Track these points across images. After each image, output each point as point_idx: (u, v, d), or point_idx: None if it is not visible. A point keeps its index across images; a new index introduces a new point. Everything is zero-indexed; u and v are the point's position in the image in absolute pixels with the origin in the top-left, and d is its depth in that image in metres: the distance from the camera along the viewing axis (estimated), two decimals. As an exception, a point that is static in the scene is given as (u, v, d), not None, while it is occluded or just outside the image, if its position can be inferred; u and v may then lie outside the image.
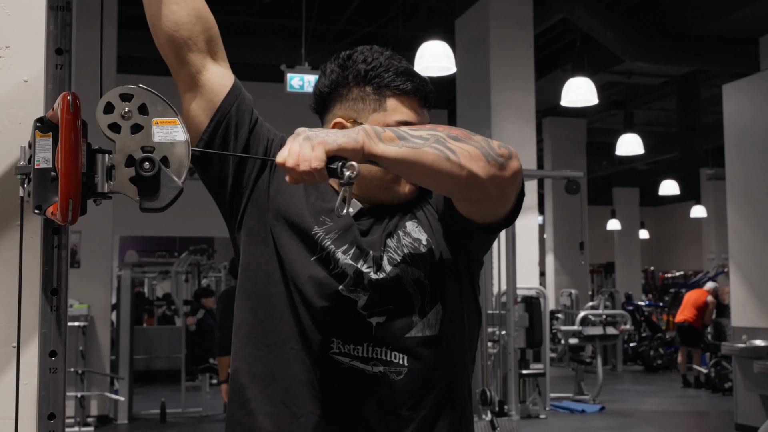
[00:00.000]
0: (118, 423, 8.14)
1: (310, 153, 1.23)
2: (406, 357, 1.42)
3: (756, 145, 8.12)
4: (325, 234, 1.46)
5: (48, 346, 1.28)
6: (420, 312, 1.44)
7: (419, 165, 1.30)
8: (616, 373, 12.78)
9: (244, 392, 1.47)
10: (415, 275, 1.44)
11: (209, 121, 1.47)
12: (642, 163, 15.97)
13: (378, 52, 1.53)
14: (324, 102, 1.55)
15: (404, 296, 1.44)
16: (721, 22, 8.76)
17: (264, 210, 1.49)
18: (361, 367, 1.40)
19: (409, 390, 1.41)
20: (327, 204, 1.50)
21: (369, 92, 1.49)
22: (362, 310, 1.42)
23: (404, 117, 1.48)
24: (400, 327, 1.42)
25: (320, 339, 1.42)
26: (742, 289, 8.22)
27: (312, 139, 1.24)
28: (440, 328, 1.45)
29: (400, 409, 1.41)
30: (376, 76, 1.49)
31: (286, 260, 1.45)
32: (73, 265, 8.06)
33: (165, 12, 1.43)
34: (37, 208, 1.18)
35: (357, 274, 1.43)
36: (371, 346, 1.41)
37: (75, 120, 1.12)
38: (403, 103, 1.49)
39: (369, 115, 1.49)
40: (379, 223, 1.50)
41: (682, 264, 21.05)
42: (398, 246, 1.46)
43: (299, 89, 8.18)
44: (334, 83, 1.52)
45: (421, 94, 1.51)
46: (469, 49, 8.67)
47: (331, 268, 1.44)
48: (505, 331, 8.05)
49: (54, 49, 1.30)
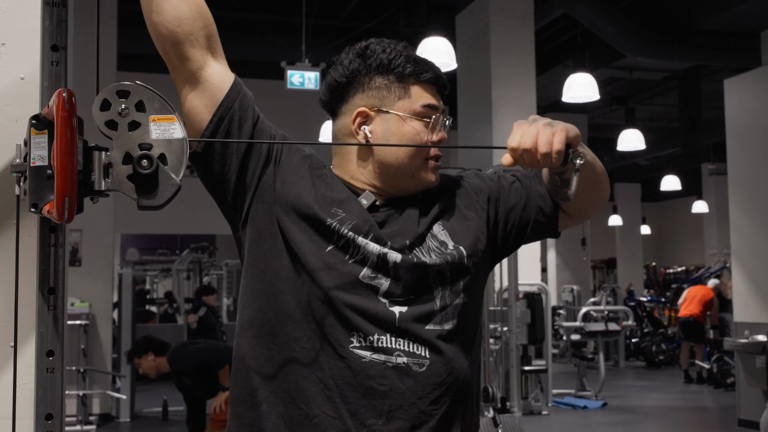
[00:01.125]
0: (120, 421, 8.15)
1: (552, 137, 1.36)
2: (427, 349, 1.41)
3: (758, 140, 8.10)
4: (341, 224, 1.44)
5: (45, 346, 1.26)
6: (440, 304, 1.45)
7: (595, 173, 1.53)
8: (618, 368, 12.77)
9: (255, 394, 1.44)
10: (440, 267, 1.46)
11: (211, 116, 1.45)
12: (643, 159, 15.95)
13: (393, 43, 1.57)
14: (341, 92, 1.55)
15: (426, 286, 1.44)
16: (722, 16, 8.73)
17: (270, 206, 1.47)
18: (384, 359, 1.39)
19: (431, 383, 1.41)
20: (337, 195, 1.49)
21: (393, 80, 1.53)
22: (383, 297, 1.41)
23: (429, 101, 1.53)
24: (421, 318, 1.42)
25: (340, 333, 1.40)
26: (744, 285, 8.21)
27: (553, 126, 1.38)
28: (458, 323, 1.46)
29: (423, 402, 1.40)
30: (398, 65, 1.53)
31: (300, 254, 1.43)
32: (74, 263, 8.06)
33: (166, 7, 1.42)
34: (33, 206, 1.17)
35: (380, 256, 1.43)
36: (394, 336, 1.40)
37: (71, 117, 1.10)
38: (426, 90, 1.54)
39: (395, 102, 1.51)
40: (395, 217, 1.50)
41: (684, 259, 21.03)
42: (423, 245, 1.48)
43: (299, 86, 8.17)
44: (355, 72, 1.53)
45: (439, 82, 1.56)
46: (469, 45, 8.65)
47: (351, 253, 1.43)
48: (507, 328, 8.04)
49: (50, 46, 1.28)
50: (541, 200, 1.58)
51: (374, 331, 1.40)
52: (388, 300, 1.42)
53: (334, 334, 1.40)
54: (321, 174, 1.52)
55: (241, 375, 1.48)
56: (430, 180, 1.53)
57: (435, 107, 1.53)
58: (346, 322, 1.40)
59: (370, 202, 1.50)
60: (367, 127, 1.52)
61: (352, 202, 1.49)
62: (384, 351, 1.39)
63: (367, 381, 1.38)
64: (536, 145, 1.36)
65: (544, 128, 1.37)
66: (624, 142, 10.73)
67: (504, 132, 8.18)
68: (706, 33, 9.33)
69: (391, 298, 1.42)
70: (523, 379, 8.29)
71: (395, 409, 1.38)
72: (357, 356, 1.39)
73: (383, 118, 1.51)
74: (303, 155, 1.53)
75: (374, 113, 1.51)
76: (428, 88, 1.54)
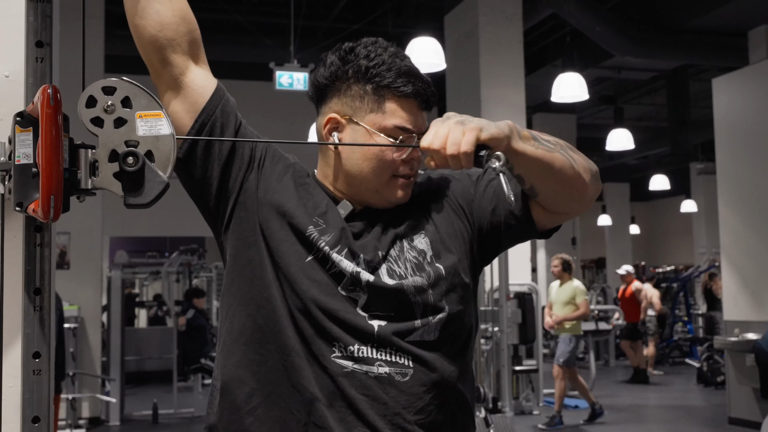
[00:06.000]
0: (110, 425, 8.10)
1: (461, 138, 1.26)
2: (410, 358, 1.38)
3: (746, 139, 8.13)
4: (320, 235, 1.42)
5: (31, 348, 1.24)
6: (422, 318, 1.41)
7: (549, 167, 1.37)
8: (608, 368, 12.80)
9: (249, 400, 1.41)
10: (418, 284, 1.41)
11: (193, 122, 1.43)
12: (632, 158, 16.00)
13: (382, 47, 1.48)
14: (321, 93, 1.52)
15: (405, 304, 1.41)
16: (710, 16, 8.75)
17: (253, 212, 1.45)
18: (365, 369, 1.36)
19: (414, 392, 1.38)
20: (318, 205, 1.47)
21: (368, 91, 1.45)
22: (362, 310, 1.39)
23: (401, 122, 1.44)
24: (402, 331, 1.39)
25: (321, 343, 1.38)
26: (734, 283, 8.23)
27: (464, 125, 1.28)
28: (440, 334, 1.42)
29: (407, 412, 1.37)
30: (377, 74, 1.45)
31: (281, 263, 1.41)
32: (62, 266, 8.01)
33: (149, 11, 1.40)
34: (18, 205, 1.15)
35: (354, 275, 1.40)
36: (374, 347, 1.37)
37: (56, 114, 1.08)
38: (402, 107, 1.45)
39: (365, 114, 1.45)
40: (370, 227, 1.46)
41: (674, 259, 21.10)
42: (400, 257, 1.43)
43: (288, 87, 8.14)
44: (333, 76, 1.49)
45: (422, 98, 1.47)
46: (458, 45, 8.65)
47: (328, 268, 1.41)
48: (497, 328, 8.03)
49: (34, 42, 1.26)
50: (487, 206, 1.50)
51: (353, 342, 1.37)
52: (368, 313, 1.39)
53: (316, 344, 1.38)
54: (304, 183, 1.50)
55: (234, 383, 1.44)
56: (397, 198, 1.47)
57: (407, 129, 1.44)
58: (326, 332, 1.38)
59: (347, 211, 1.47)
60: (338, 134, 1.48)
61: (331, 211, 1.46)
62: (365, 361, 1.37)
63: (349, 391, 1.36)
64: (444, 146, 1.27)
65: (455, 127, 1.28)
66: (613, 141, 10.75)
67: (493, 132, 8.19)
68: (694, 32, 9.36)
69: (369, 312, 1.39)
70: (514, 379, 8.29)
71: (379, 420, 1.36)
72: (339, 366, 1.37)
73: (353, 129, 1.46)
74: (287, 164, 1.51)
75: (345, 121, 1.47)
76: (406, 104, 1.45)
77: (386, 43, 1.50)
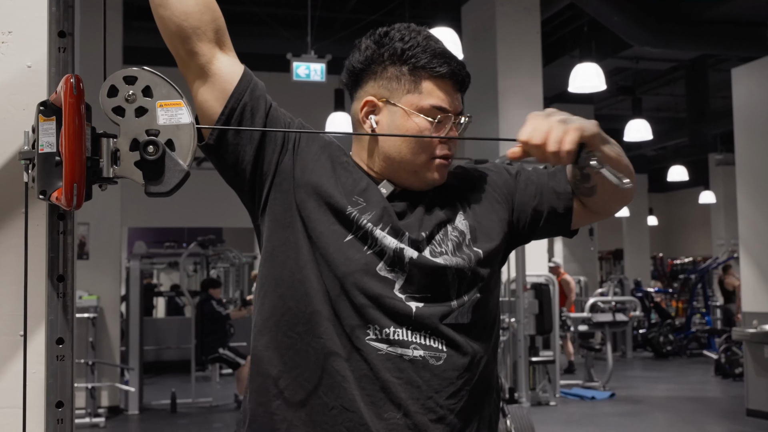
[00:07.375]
0: (128, 413, 8.17)
1: (563, 136, 1.30)
2: (444, 342, 1.40)
3: (765, 130, 8.06)
4: (361, 213, 1.43)
5: (55, 334, 1.26)
6: (458, 302, 1.43)
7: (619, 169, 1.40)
8: (625, 359, 12.76)
9: (277, 383, 1.42)
10: (459, 264, 1.43)
11: (223, 108, 1.43)
12: (650, 149, 15.89)
13: (416, 31, 1.51)
14: (356, 78, 1.53)
15: (443, 285, 1.42)
16: (729, 5, 8.68)
17: (289, 193, 1.46)
18: (400, 352, 1.37)
19: (447, 377, 1.39)
20: (357, 183, 1.47)
21: (405, 72, 1.48)
22: (399, 291, 1.40)
23: (438, 102, 1.47)
24: (438, 313, 1.40)
25: (356, 325, 1.38)
26: (752, 274, 8.18)
27: (567, 123, 1.32)
28: (474, 318, 1.44)
29: (440, 396, 1.38)
30: (413, 56, 1.47)
31: (318, 243, 1.42)
32: (81, 256, 8.07)
33: (172, 1, 1.40)
34: (42, 193, 1.17)
35: (397, 251, 1.41)
36: (410, 330, 1.38)
37: (78, 103, 1.10)
38: (438, 87, 1.48)
39: (402, 95, 1.47)
40: (413, 208, 1.48)
41: (691, 250, 20.98)
42: (444, 240, 1.45)
43: (305, 78, 8.15)
44: (369, 59, 1.50)
45: (457, 78, 1.50)
46: (475, 36, 8.63)
47: (369, 245, 1.42)
48: (514, 318, 8.03)
49: (57, 32, 1.27)
50: (555, 200, 1.54)
51: (390, 324, 1.38)
52: (405, 295, 1.40)
53: (351, 325, 1.38)
54: (342, 162, 1.50)
55: (262, 365, 1.45)
56: (434, 179, 1.49)
57: (444, 109, 1.47)
58: (362, 314, 1.38)
59: (389, 191, 1.48)
60: (375, 117, 1.50)
61: (372, 190, 1.47)
62: (400, 344, 1.38)
63: (383, 374, 1.37)
64: (546, 142, 1.31)
65: (558, 125, 1.32)
66: (631, 132, 10.69)
67: (510, 123, 8.17)
68: (713, 22, 9.28)
69: (407, 293, 1.40)
70: (531, 369, 8.29)
71: (412, 403, 1.36)
72: (373, 348, 1.37)
73: (390, 110, 1.48)
74: (323, 143, 1.52)
75: (382, 104, 1.49)
76: (442, 85, 1.48)
77: (419, 27, 1.53)
